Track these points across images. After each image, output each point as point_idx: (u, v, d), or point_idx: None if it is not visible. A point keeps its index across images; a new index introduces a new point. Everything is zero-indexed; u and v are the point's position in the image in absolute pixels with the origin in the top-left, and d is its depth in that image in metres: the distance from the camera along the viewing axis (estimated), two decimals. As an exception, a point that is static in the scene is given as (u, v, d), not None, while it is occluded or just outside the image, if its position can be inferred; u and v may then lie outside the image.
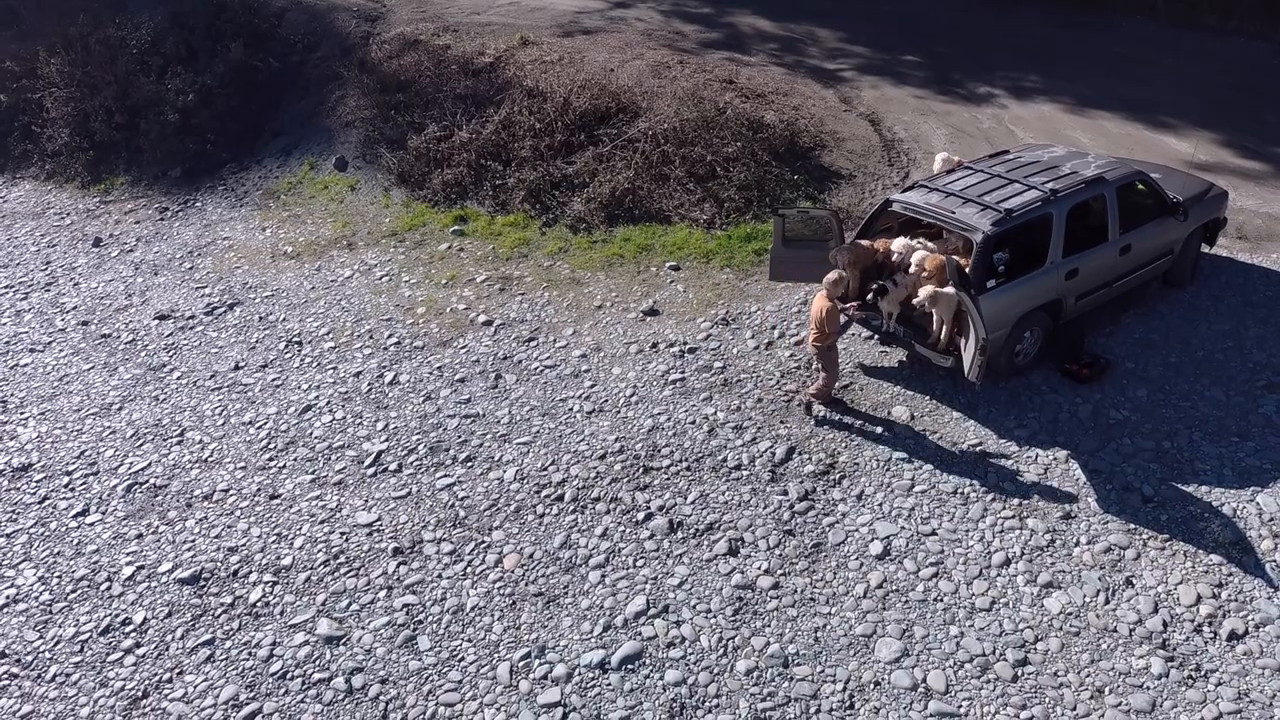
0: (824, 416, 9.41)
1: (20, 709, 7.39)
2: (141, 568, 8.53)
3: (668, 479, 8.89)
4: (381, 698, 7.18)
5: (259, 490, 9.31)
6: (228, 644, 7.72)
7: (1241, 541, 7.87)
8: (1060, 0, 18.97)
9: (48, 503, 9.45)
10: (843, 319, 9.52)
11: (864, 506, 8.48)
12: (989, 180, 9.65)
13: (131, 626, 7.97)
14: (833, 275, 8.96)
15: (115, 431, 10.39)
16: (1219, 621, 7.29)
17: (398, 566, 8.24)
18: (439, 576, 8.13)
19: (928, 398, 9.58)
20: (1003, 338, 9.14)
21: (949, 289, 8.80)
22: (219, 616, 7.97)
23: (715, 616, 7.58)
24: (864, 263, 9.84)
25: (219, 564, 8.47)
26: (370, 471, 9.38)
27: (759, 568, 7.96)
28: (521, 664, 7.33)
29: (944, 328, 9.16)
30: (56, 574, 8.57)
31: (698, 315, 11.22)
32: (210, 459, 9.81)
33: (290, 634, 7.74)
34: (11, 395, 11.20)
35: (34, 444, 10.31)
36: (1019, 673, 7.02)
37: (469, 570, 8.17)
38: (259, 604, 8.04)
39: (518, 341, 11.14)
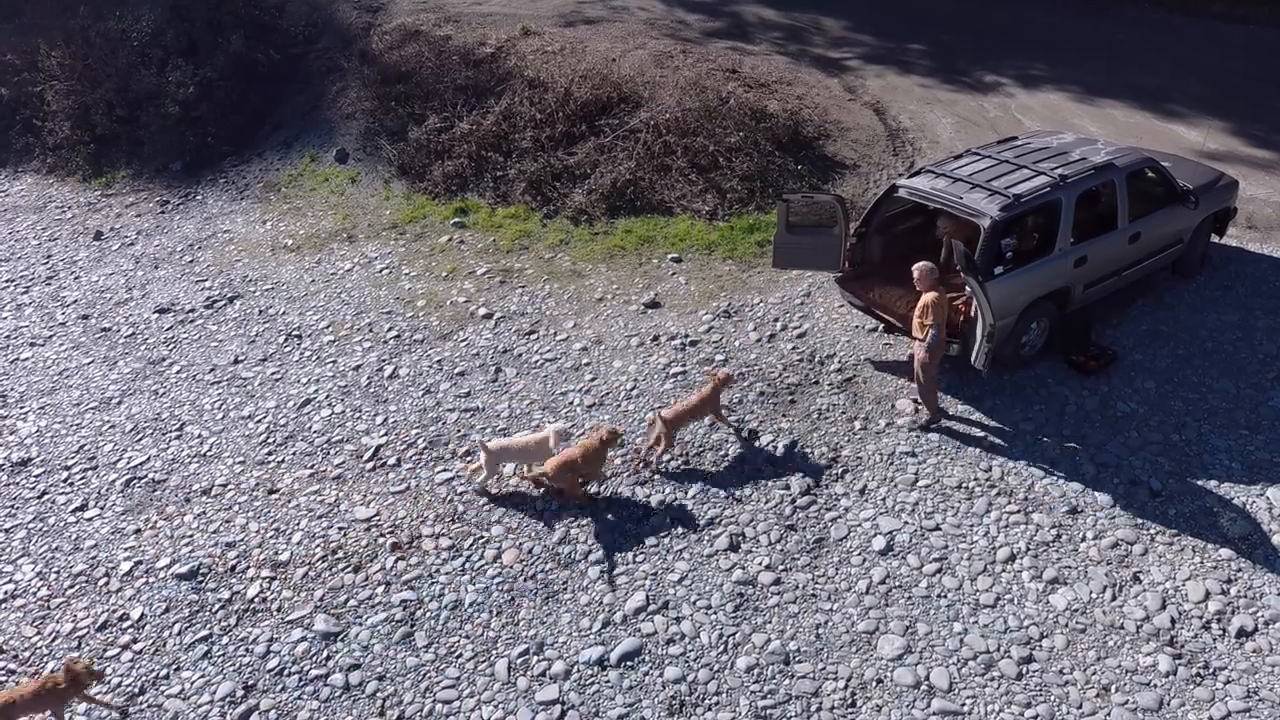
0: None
1: (17, 705, 7.35)
2: (139, 563, 8.48)
3: (668, 473, 8.80)
4: (379, 694, 7.11)
5: (257, 485, 9.25)
6: (225, 640, 7.66)
7: (1251, 536, 7.75)
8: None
9: (46, 497, 9.41)
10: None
11: (867, 501, 8.37)
12: (997, 166, 9.50)
13: (129, 622, 7.91)
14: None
15: (114, 426, 10.34)
16: (1228, 618, 7.17)
17: (396, 562, 8.18)
18: (437, 572, 8.06)
19: (932, 390, 9.46)
20: (1010, 325, 9.02)
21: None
22: (216, 612, 7.91)
23: (716, 613, 7.49)
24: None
25: (217, 559, 8.41)
26: (369, 466, 9.31)
27: (760, 563, 7.87)
28: (520, 660, 7.26)
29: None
30: (54, 569, 8.53)
31: (699, 308, 11.11)
32: (209, 453, 9.75)
33: (288, 630, 7.68)
34: (11, 389, 11.16)
35: (33, 438, 10.27)
36: (1024, 670, 6.92)
37: (467, 566, 8.10)
38: (256, 600, 7.98)
39: (518, 334, 11.04)
